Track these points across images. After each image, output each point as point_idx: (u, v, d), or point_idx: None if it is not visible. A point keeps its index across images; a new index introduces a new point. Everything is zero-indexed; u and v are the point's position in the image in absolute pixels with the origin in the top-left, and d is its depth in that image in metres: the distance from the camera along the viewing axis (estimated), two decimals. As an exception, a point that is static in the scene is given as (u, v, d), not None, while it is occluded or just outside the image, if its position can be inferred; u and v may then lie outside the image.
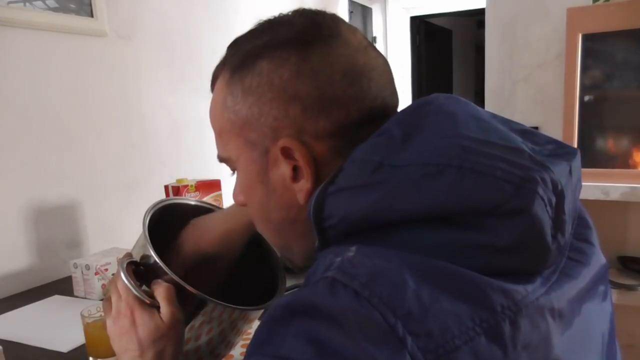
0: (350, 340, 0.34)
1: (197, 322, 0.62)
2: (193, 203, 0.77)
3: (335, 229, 0.43)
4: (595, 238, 0.49)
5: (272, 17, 0.50)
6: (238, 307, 0.63)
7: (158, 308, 0.58)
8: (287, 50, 0.46)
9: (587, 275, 0.44)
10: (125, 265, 0.59)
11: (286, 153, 0.47)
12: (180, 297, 0.58)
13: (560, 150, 0.44)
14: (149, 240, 0.62)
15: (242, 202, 0.55)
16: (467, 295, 0.35)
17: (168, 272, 0.59)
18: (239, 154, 0.51)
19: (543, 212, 0.38)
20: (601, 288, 0.47)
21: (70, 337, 0.95)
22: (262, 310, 0.67)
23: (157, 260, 0.60)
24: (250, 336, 0.97)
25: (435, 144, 0.41)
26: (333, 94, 0.46)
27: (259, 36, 0.49)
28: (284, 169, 0.48)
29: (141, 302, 0.57)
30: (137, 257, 0.63)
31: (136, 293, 0.57)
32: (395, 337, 0.33)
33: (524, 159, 0.40)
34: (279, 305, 0.39)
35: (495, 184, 0.38)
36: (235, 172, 0.54)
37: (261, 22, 0.51)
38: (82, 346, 0.91)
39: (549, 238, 0.38)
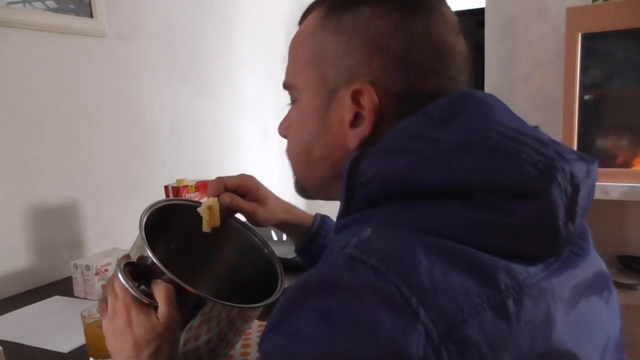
0: (367, 307, 0.36)
1: (195, 322, 0.62)
2: (188, 203, 0.77)
3: (365, 188, 0.45)
4: (591, 240, 0.51)
5: None
6: (236, 305, 0.63)
7: (155, 308, 0.58)
8: (391, 5, 0.49)
9: (585, 267, 0.45)
10: (122, 266, 0.60)
11: (355, 98, 0.49)
12: (178, 297, 0.59)
13: (581, 156, 0.46)
14: (146, 241, 0.62)
15: (284, 134, 0.58)
16: (474, 273, 0.37)
17: (165, 271, 0.59)
18: (307, 85, 0.53)
19: (559, 198, 0.40)
20: (605, 293, 0.49)
21: (70, 338, 0.95)
22: (260, 309, 0.67)
23: (154, 260, 0.60)
24: (250, 336, 0.97)
25: (471, 126, 0.44)
26: (418, 60, 0.48)
27: None
28: (345, 112, 0.50)
29: (139, 302, 0.57)
30: (134, 258, 0.63)
31: (134, 293, 0.57)
32: (410, 309, 0.35)
33: (549, 150, 0.42)
34: (297, 284, 0.40)
35: (520, 165, 0.40)
36: (294, 102, 0.56)
37: None
38: (82, 346, 0.91)
39: (561, 223, 0.40)
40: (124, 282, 0.58)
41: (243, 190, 0.77)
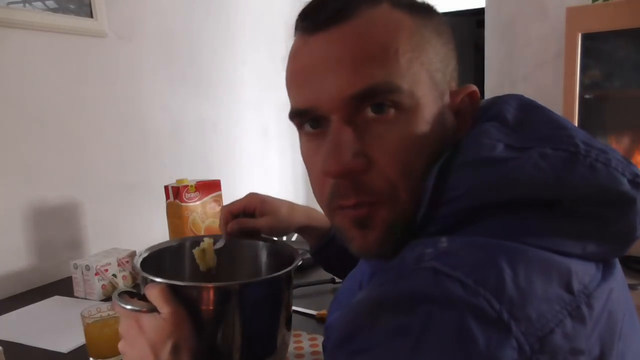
0: (457, 322, 0.34)
1: (210, 315, 0.61)
2: (184, 243, 0.79)
3: (455, 204, 0.42)
4: None
5: None
6: (237, 282, 0.64)
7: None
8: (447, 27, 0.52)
9: (617, 263, 0.46)
10: (117, 293, 0.60)
11: (461, 99, 0.50)
12: (192, 297, 0.59)
13: None
14: (141, 269, 0.64)
15: (362, 165, 0.45)
16: (552, 279, 0.37)
17: (154, 279, 0.60)
18: (416, 87, 0.46)
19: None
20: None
21: (70, 338, 0.95)
22: (268, 283, 0.67)
23: (143, 274, 0.61)
24: (302, 344, 0.92)
25: (547, 133, 0.44)
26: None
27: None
28: (450, 115, 0.49)
29: (138, 312, 0.58)
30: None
31: (130, 307, 0.58)
32: (502, 324, 0.34)
33: (618, 155, 0.43)
34: (365, 298, 0.39)
35: (613, 174, 0.41)
36: (395, 107, 0.45)
37: None
38: (82, 346, 0.91)
39: (637, 228, 0.42)
40: (118, 302, 0.59)
41: (250, 209, 0.78)
